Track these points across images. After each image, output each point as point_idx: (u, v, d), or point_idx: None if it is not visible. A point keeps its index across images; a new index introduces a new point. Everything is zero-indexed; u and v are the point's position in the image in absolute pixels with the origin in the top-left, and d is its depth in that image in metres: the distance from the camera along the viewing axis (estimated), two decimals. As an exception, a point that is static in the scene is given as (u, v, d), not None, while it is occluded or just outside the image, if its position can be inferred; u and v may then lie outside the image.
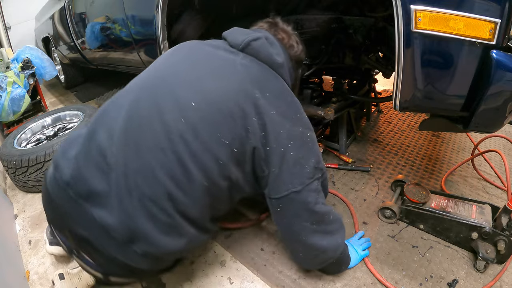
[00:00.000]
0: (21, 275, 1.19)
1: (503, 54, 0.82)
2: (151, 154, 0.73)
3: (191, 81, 0.80)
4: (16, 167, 1.60)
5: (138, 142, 0.74)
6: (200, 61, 0.86)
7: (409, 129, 2.20)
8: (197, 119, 0.75)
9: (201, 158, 0.74)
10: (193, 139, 0.73)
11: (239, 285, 1.12)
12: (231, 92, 0.79)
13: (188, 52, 0.91)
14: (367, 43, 1.48)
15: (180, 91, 0.78)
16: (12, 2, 4.03)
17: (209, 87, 0.79)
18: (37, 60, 2.44)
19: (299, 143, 0.83)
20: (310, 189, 0.85)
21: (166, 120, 0.74)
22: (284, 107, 0.84)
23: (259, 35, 0.90)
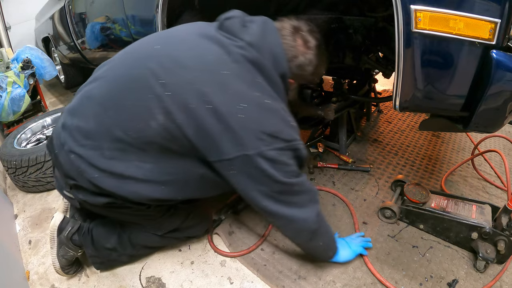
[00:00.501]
0: (21, 275, 1.19)
1: (503, 54, 0.82)
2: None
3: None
4: (16, 167, 1.60)
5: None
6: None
7: (409, 129, 2.20)
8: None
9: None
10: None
11: (239, 285, 1.12)
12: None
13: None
14: (367, 43, 1.48)
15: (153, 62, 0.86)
16: (12, 2, 4.03)
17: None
18: (37, 60, 2.44)
19: (252, 107, 0.80)
20: (265, 157, 0.81)
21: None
22: (240, 72, 0.83)
23: (234, 14, 0.92)
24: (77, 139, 0.88)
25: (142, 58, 0.88)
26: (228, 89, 0.80)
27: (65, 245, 1.12)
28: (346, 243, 1.14)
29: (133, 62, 0.89)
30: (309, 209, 0.94)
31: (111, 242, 1.13)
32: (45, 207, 1.59)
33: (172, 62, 0.84)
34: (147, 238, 1.16)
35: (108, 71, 0.93)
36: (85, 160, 0.87)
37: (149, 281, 1.14)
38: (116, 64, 0.93)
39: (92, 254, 1.13)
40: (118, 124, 0.85)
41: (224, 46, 0.85)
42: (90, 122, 0.87)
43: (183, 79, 0.81)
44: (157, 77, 0.82)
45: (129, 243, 1.15)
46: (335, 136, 1.89)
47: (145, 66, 0.84)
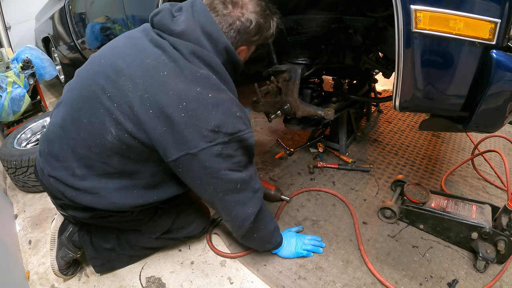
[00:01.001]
0: (21, 275, 1.19)
1: (503, 54, 0.82)
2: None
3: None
4: (16, 167, 1.60)
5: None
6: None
7: (409, 129, 2.20)
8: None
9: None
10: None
11: (239, 285, 1.12)
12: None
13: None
14: (367, 43, 1.47)
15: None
16: (12, 2, 4.03)
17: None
18: (37, 60, 2.44)
19: (193, 104, 0.79)
20: (209, 153, 0.81)
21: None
22: (178, 70, 0.82)
23: (162, 8, 0.90)
24: (51, 163, 0.93)
25: (91, 75, 0.89)
26: (168, 90, 0.79)
27: (66, 246, 1.12)
28: (295, 241, 1.19)
29: (84, 81, 0.90)
30: (250, 208, 0.95)
31: (110, 243, 1.14)
32: (45, 207, 1.59)
33: (115, 73, 0.84)
34: (144, 240, 1.16)
35: (67, 94, 0.95)
36: (61, 182, 0.91)
37: (149, 281, 1.14)
38: (72, 86, 0.95)
39: (92, 255, 1.13)
40: (80, 143, 0.88)
41: (160, 46, 0.84)
42: (56, 146, 0.92)
43: (126, 88, 0.81)
44: (104, 91, 0.83)
45: (127, 244, 1.16)
46: (335, 136, 1.89)
47: (94, 83, 0.86)
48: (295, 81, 1.42)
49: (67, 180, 0.90)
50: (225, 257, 1.21)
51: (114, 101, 0.82)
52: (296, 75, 1.42)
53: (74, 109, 0.89)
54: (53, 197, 1.00)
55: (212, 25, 0.87)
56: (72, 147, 0.89)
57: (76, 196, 0.91)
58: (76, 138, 0.88)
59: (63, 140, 0.90)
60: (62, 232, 1.14)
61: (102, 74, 0.86)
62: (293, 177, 1.68)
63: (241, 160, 0.89)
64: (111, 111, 0.82)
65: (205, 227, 1.26)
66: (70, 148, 0.89)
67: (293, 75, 1.42)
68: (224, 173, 0.85)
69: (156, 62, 0.82)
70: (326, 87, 1.99)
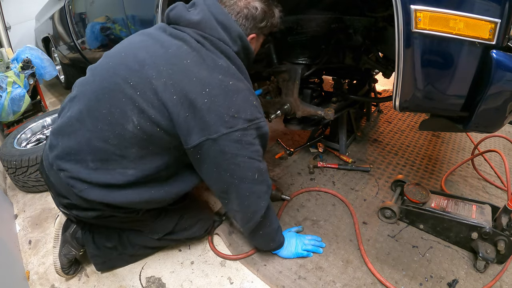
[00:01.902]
0: (21, 275, 1.19)
1: (503, 54, 0.82)
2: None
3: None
4: (16, 167, 1.60)
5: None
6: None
7: (409, 129, 2.20)
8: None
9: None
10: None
11: (239, 285, 1.12)
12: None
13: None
14: (367, 43, 1.48)
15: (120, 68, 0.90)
16: (12, 2, 4.03)
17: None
18: (37, 60, 2.44)
19: (216, 90, 0.82)
20: (229, 139, 0.83)
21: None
22: (200, 59, 0.86)
23: (176, 4, 0.96)
24: (62, 157, 0.92)
25: (112, 67, 0.90)
26: (192, 77, 0.83)
27: (69, 243, 1.13)
28: (295, 242, 1.19)
29: (104, 73, 0.91)
30: (263, 201, 0.97)
31: (111, 241, 1.15)
32: (45, 207, 1.59)
33: (137, 63, 0.86)
34: (145, 240, 1.17)
35: (81, 88, 0.95)
36: (72, 176, 0.90)
37: (149, 281, 1.14)
38: (87, 80, 0.95)
39: (94, 253, 1.14)
40: (97, 135, 0.88)
41: (181, 38, 0.89)
42: (72, 140, 0.91)
43: (150, 75, 0.83)
44: (127, 80, 0.85)
45: (129, 243, 1.16)
46: (335, 136, 1.89)
47: (115, 74, 0.88)
48: (295, 81, 1.42)
49: (79, 173, 0.90)
50: (225, 258, 1.21)
51: (137, 89, 0.84)
52: (296, 75, 1.42)
53: (92, 101, 0.89)
54: (57, 195, 0.98)
55: (225, 15, 0.93)
56: (88, 139, 0.88)
57: (86, 191, 0.90)
58: (94, 130, 0.88)
59: (79, 132, 0.90)
60: (66, 229, 1.15)
61: (124, 65, 0.88)
62: (293, 177, 1.68)
63: (259, 149, 0.91)
64: (134, 99, 0.84)
65: (208, 228, 1.26)
66: (86, 141, 0.89)
67: (293, 75, 1.43)
68: (243, 160, 0.87)
69: (179, 52, 0.86)
70: (326, 87, 1.99)
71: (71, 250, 1.13)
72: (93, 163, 0.89)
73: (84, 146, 0.89)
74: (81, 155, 0.90)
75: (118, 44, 0.99)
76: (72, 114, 0.92)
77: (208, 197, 1.56)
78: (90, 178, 0.89)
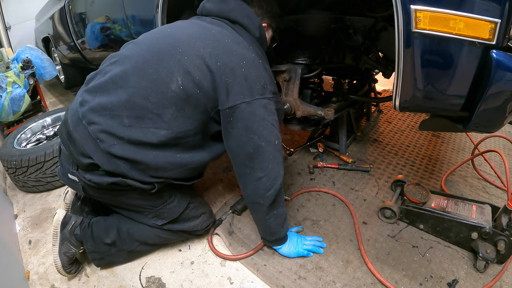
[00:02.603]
0: (21, 275, 1.19)
1: (503, 54, 0.82)
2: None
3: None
4: (16, 167, 1.60)
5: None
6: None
7: (409, 129, 2.20)
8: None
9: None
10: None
11: (239, 285, 1.12)
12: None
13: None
14: (367, 43, 1.48)
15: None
16: (12, 2, 4.03)
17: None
18: (37, 60, 2.44)
19: (250, 63, 0.98)
20: (260, 104, 0.97)
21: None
22: (238, 40, 1.03)
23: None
24: (97, 110, 0.95)
25: (160, 38, 1.02)
26: (233, 51, 0.98)
27: (68, 241, 1.13)
28: (296, 241, 1.20)
29: (153, 42, 1.01)
30: (281, 169, 1.06)
31: (110, 237, 1.14)
32: (45, 207, 1.59)
33: (186, 35, 0.99)
34: (146, 233, 1.16)
35: (126, 52, 1.02)
36: (104, 129, 0.94)
37: (149, 281, 1.15)
38: (133, 48, 1.03)
39: (92, 249, 1.14)
40: (139, 92, 0.94)
41: (219, 24, 1.06)
42: (112, 95, 0.95)
43: (197, 46, 0.96)
44: (176, 47, 0.96)
45: (128, 238, 1.16)
46: (335, 136, 1.89)
47: (164, 43, 0.99)
48: (295, 81, 1.42)
49: (112, 128, 0.93)
50: (225, 259, 1.21)
51: (186, 55, 0.95)
52: (296, 75, 1.42)
53: (139, 62, 0.97)
54: (79, 154, 0.98)
55: (246, 8, 1.10)
56: (129, 95, 0.94)
57: (116, 146, 0.94)
58: (136, 87, 0.94)
59: (120, 90, 0.95)
60: (65, 226, 1.15)
61: (172, 37, 1.00)
62: (293, 177, 1.68)
63: (277, 120, 1.04)
64: (182, 62, 0.94)
65: (209, 225, 1.27)
66: (127, 97, 0.94)
67: (293, 75, 1.43)
68: (269, 124, 1.00)
69: (221, 34, 1.01)
70: (326, 87, 1.99)
71: (71, 248, 1.13)
72: (128, 119, 0.94)
73: (123, 102, 0.94)
74: (118, 110, 0.94)
75: (162, 26, 1.16)
76: (114, 73, 0.97)
77: (208, 198, 1.56)
78: (122, 134, 0.94)
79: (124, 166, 0.96)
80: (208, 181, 1.68)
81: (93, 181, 0.99)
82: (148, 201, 1.10)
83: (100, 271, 1.20)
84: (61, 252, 1.12)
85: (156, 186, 1.03)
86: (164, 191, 1.10)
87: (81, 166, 1.01)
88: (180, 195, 1.15)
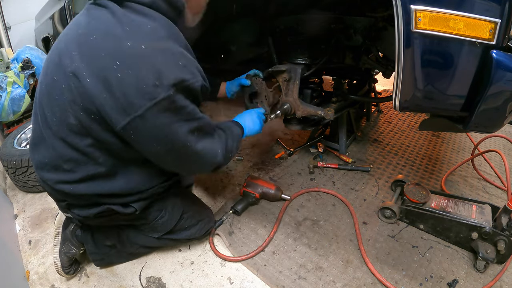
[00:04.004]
0: (21, 275, 1.19)
1: (503, 54, 0.82)
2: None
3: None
4: (16, 167, 1.60)
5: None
6: None
7: (409, 129, 2.20)
8: None
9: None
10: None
11: (239, 285, 1.12)
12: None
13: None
14: (367, 43, 1.47)
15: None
16: (12, 2, 4.03)
17: None
18: (37, 60, 2.43)
19: (129, 61, 0.72)
20: (156, 111, 0.74)
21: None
22: (109, 26, 0.76)
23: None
24: (41, 167, 0.94)
25: (50, 58, 0.87)
26: (100, 53, 0.74)
27: (69, 241, 1.13)
28: (249, 115, 1.21)
29: (42, 79, 0.90)
30: (219, 149, 0.96)
31: (110, 240, 1.15)
32: (45, 207, 1.59)
33: (57, 56, 0.82)
34: (145, 239, 1.17)
35: (36, 101, 0.95)
36: (58, 180, 0.92)
37: (149, 281, 1.14)
38: (38, 87, 0.94)
39: (92, 250, 1.14)
40: (56, 140, 0.87)
41: (102, 6, 0.80)
42: (41, 152, 0.93)
43: (65, 65, 0.79)
44: (53, 78, 0.82)
45: (128, 241, 1.16)
46: (335, 136, 1.89)
47: (47, 75, 0.86)
48: (295, 81, 1.42)
49: (62, 177, 0.91)
50: (226, 260, 1.21)
51: (62, 83, 0.80)
52: (296, 75, 1.42)
53: (41, 109, 0.89)
54: (57, 200, 1.02)
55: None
56: (52, 147, 0.89)
57: (77, 188, 0.92)
58: (51, 137, 0.88)
59: (43, 143, 0.92)
60: (67, 227, 1.16)
61: (51, 63, 0.85)
62: (293, 177, 1.68)
63: (193, 108, 0.84)
64: (64, 93, 0.80)
65: (208, 230, 1.26)
66: (51, 150, 0.89)
67: (293, 75, 1.43)
68: (179, 125, 0.80)
69: (86, 30, 0.78)
70: (326, 87, 1.99)
71: (71, 248, 1.13)
72: (66, 165, 0.89)
73: (51, 155, 0.90)
74: (54, 162, 0.91)
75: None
76: (33, 128, 0.96)
77: (208, 198, 1.56)
78: (73, 178, 0.91)
79: (95, 199, 0.95)
80: (208, 181, 1.68)
81: (81, 215, 0.99)
82: (138, 220, 1.10)
83: (100, 271, 1.20)
84: (61, 252, 1.12)
85: (137, 209, 1.01)
86: (152, 208, 1.08)
87: (62, 207, 1.02)
88: (171, 208, 1.14)
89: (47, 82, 0.86)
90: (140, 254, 1.23)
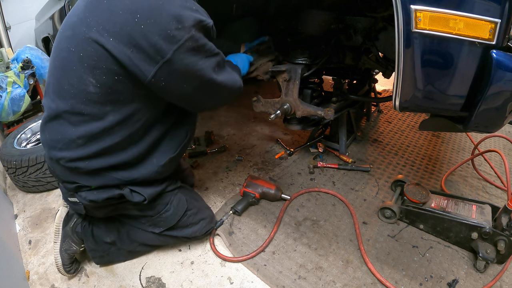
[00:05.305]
0: (21, 275, 1.19)
1: (503, 54, 0.82)
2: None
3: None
4: (16, 167, 1.60)
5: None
6: None
7: (409, 129, 2.20)
8: None
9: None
10: None
11: (239, 285, 1.12)
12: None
13: None
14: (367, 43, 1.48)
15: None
16: (12, 2, 4.03)
17: None
18: (37, 60, 2.44)
19: (147, 12, 0.76)
20: (183, 52, 0.79)
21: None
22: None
23: None
24: (53, 146, 0.94)
25: (61, 34, 0.89)
26: (118, 11, 0.77)
27: (70, 238, 1.13)
28: (237, 61, 1.23)
29: (53, 56, 0.91)
30: (237, 76, 1.05)
31: (110, 237, 1.15)
32: (45, 207, 1.59)
33: (70, 28, 0.85)
34: (145, 236, 1.17)
35: (48, 76, 0.96)
36: (71, 158, 0.92)
37: (149, 281, 1.14)
38: (50, 64, 0.95)
39: (92, 247, 1.15)
40: (73, 113, 0.88)
41: None
42: (54, 129, 0.93)
43: (82, 33, 0.80)
44: (69, 49, 0.84)
45: (128, 238, 1.16)
46: (335, 136, 1.89)
47: (59, 49, 0.88)
48: (295, 81, 1.42)
49: (75, 153, 0.91)
50: (226, 260, 1.21)
51: (80, 51, 0.81)
52: (296, 75, 1.42)
53: (55, 85, 0.90)
54: (68, 183, 0.99)
55: None
56: (66, 123, 0.90)
57: (91, 163, 0.93)
58: (67, 110, 0.88)
59: (55, 121, 0.92)
60: (67, 223, 1.16)
61: (62, 37, 0.87)
62: (293, 177, 1.68)
63: (211, 45, 0.89)
64: (81, 61, 0.82)
65: (208, 230, 1.25)
66: (66, 126, 0.90)
67: (293, 75, 1.43)
68: (204, 62, 0.86)
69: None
70: (326, 87, 1.99)
71: (72, 245, 1.13)
72: (80, 140, 0.90)
73: (67, 130, 0.90)
74: (66, 139, 0.91)
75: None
76: (46, 106, 0.95)
77: (208, 198, 1.56)
78: (86, 153, 0.91)
79: (110, 178, 0.96)
80: (208, 181, 1.68)
81: (89, 199, 0.98)
82: (143, 212, 1.10)
83: (100, 271, 1.20)
84: (62, 250, 1.12)
85: (147, 198, 1.03)
86: (159, 201, 1.09)
87: (70, 190, 1.01)
88: (176, 203, 1.15)
89: (61, 57, 0.87)
90: (139, 253, 1.23)
